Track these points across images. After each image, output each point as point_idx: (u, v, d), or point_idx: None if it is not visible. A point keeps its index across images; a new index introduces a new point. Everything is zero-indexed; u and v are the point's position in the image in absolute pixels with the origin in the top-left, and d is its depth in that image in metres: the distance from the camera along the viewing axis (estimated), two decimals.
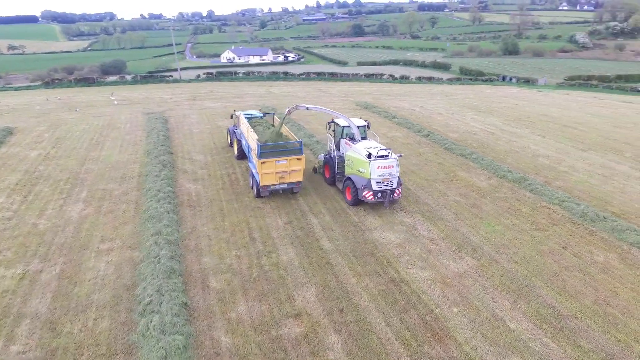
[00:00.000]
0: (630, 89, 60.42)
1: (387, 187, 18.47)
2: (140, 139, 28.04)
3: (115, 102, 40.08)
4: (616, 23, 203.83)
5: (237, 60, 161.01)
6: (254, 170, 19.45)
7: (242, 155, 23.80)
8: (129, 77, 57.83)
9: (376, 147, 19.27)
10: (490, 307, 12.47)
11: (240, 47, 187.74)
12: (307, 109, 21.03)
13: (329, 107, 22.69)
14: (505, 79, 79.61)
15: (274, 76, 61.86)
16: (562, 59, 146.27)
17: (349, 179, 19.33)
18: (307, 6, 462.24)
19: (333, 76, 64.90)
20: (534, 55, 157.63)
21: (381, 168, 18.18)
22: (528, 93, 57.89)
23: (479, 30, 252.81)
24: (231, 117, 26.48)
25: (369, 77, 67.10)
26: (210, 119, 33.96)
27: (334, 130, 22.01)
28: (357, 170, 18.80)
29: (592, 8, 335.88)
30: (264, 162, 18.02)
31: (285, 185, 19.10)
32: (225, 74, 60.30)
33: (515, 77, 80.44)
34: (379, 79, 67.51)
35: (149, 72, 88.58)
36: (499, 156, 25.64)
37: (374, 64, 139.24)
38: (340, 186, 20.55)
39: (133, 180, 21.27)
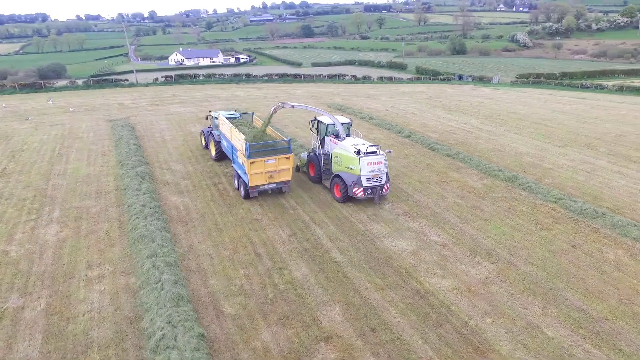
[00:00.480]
0: (580, 86, 63.95)
1: (377, 183, 18.63)
2: (108, 149, 25.82)
3: (50, 102, 36.81)
4: (551, 24, 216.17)
5: (187, 63, 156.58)
6: (239, 171, 19.09)
7: (221, 157, 23.36)
8: (80, 82, 53.89)
9: (363, 144, 19.35)
10: (523, 315, 12.10)
11: (189, 49, 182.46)
12: (293, 107, 20.78)
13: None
14: (461, 78, 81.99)
15: (236, 79, 59.94)
16: (507, 58, 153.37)
17: (337, 176, 19.21)
18: (253, 7, 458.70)
19: (296, 77, 63.90)
20: (480, 55, 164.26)
21: (371, 164, 18.29)
22: (488, 91, 59.70)
23: (425, 31, 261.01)
24: (206, 118, 25.66)
25: (332, 77, 66.71)
26: (181, 125, 32.03)
27: (316, 128, 21.89)
28: (347, 167, 18.76)
29: (526, 9, 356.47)
30: (253, 162, 17.63)
31: (274, 185, 18.79)
32: (185, 77, 57.66)
33: (470, 76, 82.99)
34: (342, 79, 67.29)
35: (95, 76, 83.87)
36: (484, 155, 25.79)
37: (329, 64, 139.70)
38: (327, 184, 20.47)
39: (110, 196, 19.34)
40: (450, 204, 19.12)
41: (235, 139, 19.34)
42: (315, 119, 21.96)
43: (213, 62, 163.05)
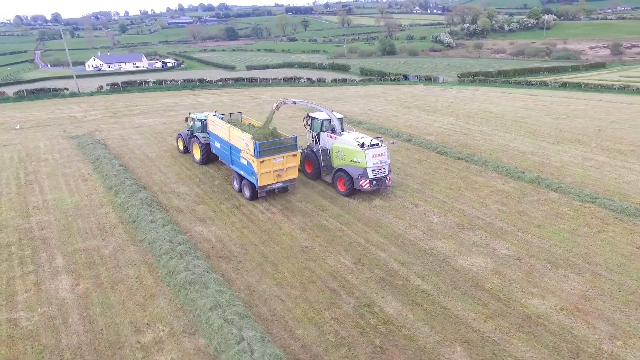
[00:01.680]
0: (525, 83, 67.66)
1: (382, 175, 19.07)
2: (87, 172, 21.84)
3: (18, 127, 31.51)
4: (468, 25, 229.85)
5: (107, 68, 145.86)
6: (242, 172, 18.68)
7: (207, 160, 22.86)
8: (10, 93, 46.58)
9: (363, 137, 19.77)
10: None
11: (109, 54, 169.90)
12: (295, 103, 20.95)
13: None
14: (408, 78, 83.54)
15: (189, 84, 55.52)
16: (435, 58, 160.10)
17: (341, 170, 19.40)
18: (169, 9, 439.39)
19: (252, 82, 60.84)
20: (409, 55, 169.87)
21: (376, 156, 18.71)
22: (443, 91, 60.98)
23: (350, 32, 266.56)
24: (186, 120, 24.56)
25: (287, 80, 64.50)
26: (159, 139, 28.35)
27: (309, 125, 21.87)
28: (351, 161, 19.00)
29: (440, 12, 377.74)
30: (262, 162, 17.24)
31: (281, 184, 18.55)
32: (132, 84, 52.22)
33: (417, 76, 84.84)
34: (298, 82, 65.35)
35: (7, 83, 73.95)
36: (492, 156, 25.42)
37: (267, 67, 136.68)
38: (327, 179, 20.61)
39: (118, 231, 16.00)
40: (495, 212, 18.20)
41: (236, 138, 18.58)
42: (308, 116, 21.83)
43: (137, 67, 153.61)
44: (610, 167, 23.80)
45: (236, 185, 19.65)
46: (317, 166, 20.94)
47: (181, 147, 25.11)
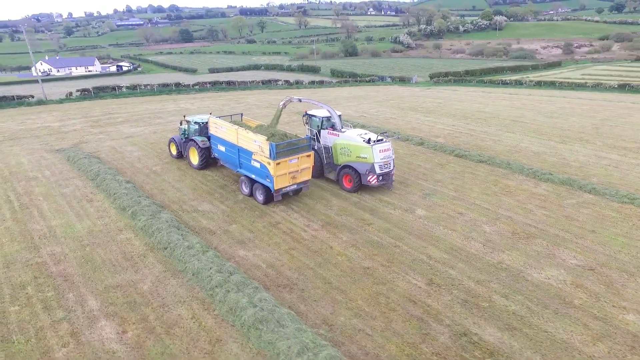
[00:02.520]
0: (500, 82, 68.94)
1: (388, 170, 19.29)
2: (90, 191, 19.23)
3: None
4: (425, 26, 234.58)
5: (56, 73, 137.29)
6: (253, 176, 18.10)
7: (207, 165, 22.05)
8: None
9: (366, 133, 20.03)
10: None
11: (57, 57, 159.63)
12: (300, 100, 20.70)
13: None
14: (381, 79, 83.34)
15: (165, 89, 52.20)
16: (398, 58, 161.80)
17: (347, 167, 19.53)
18: (116, 10, 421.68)
19: (230, 85, 58.20)
20: (372, 56, 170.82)
21: (382, 151, 18.93)
22: (423, 91, 60.96)
23: (308, 34, 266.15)
24: (180, 124, 23.58)
25: (265, 83, 62.37)
26: (156, 150, 25.83)
27: (307, 123, 21.83)
28: (358, 157, 19.11)
29: (393, 13, 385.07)
30: (279, 163, 16.69)
31: (295, 186, 18.07)
32: (104, 90, 48.34)
33: (390, 77, 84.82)
34: (275, 85, 63.37)
35: None
36: (510, 157, 24.90)
37: (230, 70, 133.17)
38: (330, 177, 20.65)
39: (150, 261, 13.87)
40: (542, 217, 17.47)
41: (247, 141, 17.88)
42: (306, 113, 21.72)
43: (89, 71, 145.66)
44: (627, 166, 23.84)
45: (245, 190, 18.93)
46: (319, 164, 20.75)
47: (174, 152, 23.89)
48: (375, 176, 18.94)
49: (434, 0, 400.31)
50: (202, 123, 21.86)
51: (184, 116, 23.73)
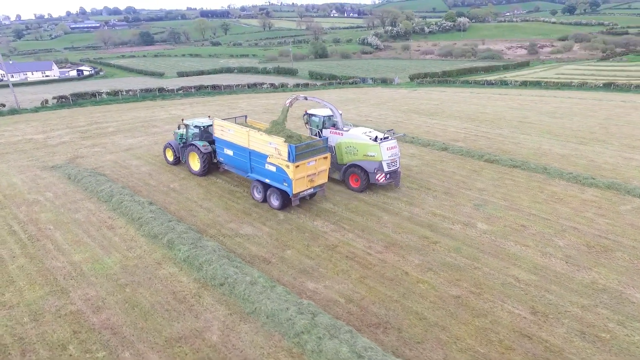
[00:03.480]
0: (485, 83, 69.21)
1: (395, 167, 19.13)
2: (107, 215, 16.62)
3: None
4: (391, 27, 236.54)
5: (11, 78, 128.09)
6: (268, 180, 17.18)
7: (209, 170, 20.83)
8: None
9: (371, 131, 19.97)
10: None
11: (11, 62, 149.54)
12: (306, 99, 20.10)
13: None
14: (362, 81, 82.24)
15: (149, 95, 48.64)
16: (369, 60, 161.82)
17: (353, 166, 19.18)
18: (69, 13, 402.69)
19: (215, 89, 55.25)
20: (342, 58, 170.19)
21: (389, 149, 18.71)
22: (412, 92, 60.19)
23: (273, 36, 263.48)
24: (178, 127, 22.43)
25: (251, 87, 59.78)
26: (165, 164, 23.22)
27: (306, 123, 21.64)
28: (365, 155, 18.82)
29: (356, 15, 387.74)
30: (298, 166, 15.88)
31: (312, 190, 17.28)
32: (84, 97, 44.33)
33: (371, 78, 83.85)
34: (261, 88, 60.90)
35: None
36: (540, 161, 23.98)
37: (201, 73, 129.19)
38: (335, 176, 20.15)
39: (208, 301, 11.70)
40: (607, 227, 16.48)
41: (260, 143, 16.91)
42: (307, 113, 21.50)
43: (47, 76, 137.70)
44: None
45: (257, 195, 18.10)
46: None
47: (170, 159, 22.65)
48: (384, 174, 18.63)
49: (394, 2, 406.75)
50: (203, 127, 20.81)
51: (182, 120, 22.37)
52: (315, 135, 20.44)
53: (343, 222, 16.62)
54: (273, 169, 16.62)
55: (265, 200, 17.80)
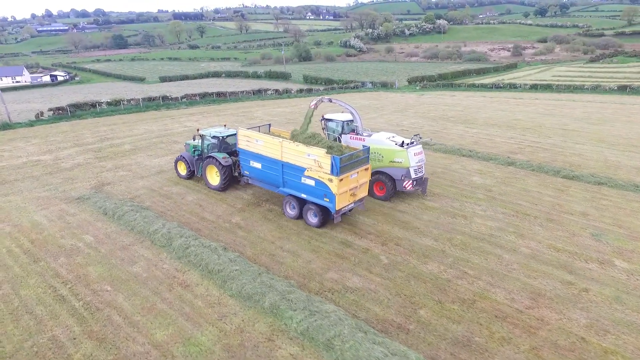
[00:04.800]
0: (494, 86, 67.63)
1: (421, 174, 18.31)
2: (173, 267, 13.20)
3: None
4: (371, 30, 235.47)
5: None
6: (302, 195, 15.76)
7: (230, 184, 19.28)
8: None
9: (394, 136, 18.97)
10: None
11: None
12: (331, 101, 19.01)
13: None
14: (363, 85, 79.68)
15: (152, 104, 44.49)
16: (354, 62, 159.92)
17: (378, 172, 18.34)
18: (34, 15, 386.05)
19: (220, 96, 51.47)
20: (327, 60, 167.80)
21: (416, 155, 17.94)
22: (422, 97, 57.97)
23: (251, 39, 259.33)
24: (193, 139, 20.76)
25: (256, 93, 56.25)
26: (203, 188, 19.82)
27: (323, 128, 20.71)
28: (391, 162, 17.96)
29: (332, 18, 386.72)
30: (342, 180, 14.56)
31: (353, 204, 15.88)
32: (82, 107, 39.89)
33: (370, 82, 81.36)
34: (266, 95, 57.49)
35: None
36: (620, 176, 21.75)
37: (185, 78, 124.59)
38: None
39: None
40: None
41: (296, 155, 15.33)
42: (323, 118, 20.67)
43: (17, 82, 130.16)
44: None
45: (291, 212, 16.59)
46: None
47: (183, 172, 21.00)
48: (411, 181, 17.83)
49: (368, 5, 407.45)
50: (222, 137, 19.23)
51: (198, 130, 20.46)
52: (334, 141, 18.88)
53: (460, 264, 13.75)
54: (311, 183, 15.11)
55: (300, 217, 16.35)
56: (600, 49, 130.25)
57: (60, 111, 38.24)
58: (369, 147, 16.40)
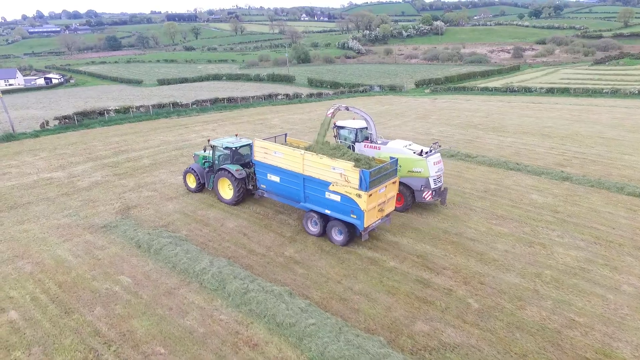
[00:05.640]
0: (508, 90, 65.94)
1: (440, 184, 17.62)
2: (232, 318, 11.08)
3: None
4: (369, 31, 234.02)
5: None
6: (326, 211, 14.70)
7: (243, 198, 18.25)
8: None
9: (410, 144, 18.33)
10: None
11: None
12: (347, 109, 18.32)
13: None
14: (371, 88, 77.69)
15: (162, 111, 42.16)
16: (354, 65, 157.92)
17: None
18: (25, 17, 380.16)
19: (231, 102, 49.25)
20: (325, 62, 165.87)
21: (436, 164, 17.28)
22: (437, 102, 56.14)
23: (247, 40, 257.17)
24: (204, 150, 19.96)
25: (267, 99, 54.11)
26: (256, 214, 17.71)
27: (335, 136, 19.95)
28: (410, 172, 17.15)
29: (326, 19, 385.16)
30: (371, 195, 13.57)
31: (380, 220, 14.89)
32: (90, 116, 37.46)
33: (379, 86, 79.43)
34: (277, 99, 55.34)
35: None
36: None
37: (185, 80, 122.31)
38: None
39: None
40: None
41: (320, 167, 14.25)
42: (336, 125, 19.78)
43: (10, 85, 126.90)
44: None
45: (313, 229, 15.50)
46: None
47: (192, 185, 19.94)
48: (430, 192, 17.13)
49: (362, 6, 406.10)
50: (234, 148, 18.05)
51: (209, 140, 19.60)
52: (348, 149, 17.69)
53: (562, 308, 11.78)
54: (337, 198, 14.12)
55: (324, 233, 15.23)
56: (600, 50, 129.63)
57: (67, 120, 35.78)
58: (397, 159, 15.25)
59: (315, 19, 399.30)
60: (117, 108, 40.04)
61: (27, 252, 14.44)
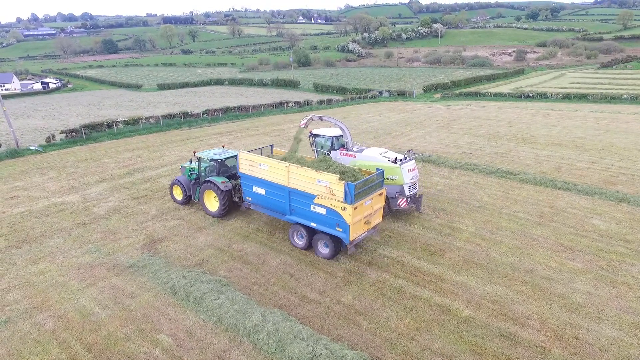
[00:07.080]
0: (522, 95, 64.31)
1: (415, 191, 17.68)
2: None
3: None
4: (368, 34, 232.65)
5: None
6: (312, 224, 14.39)
7: (229, 210, 18.13)
8: None
9: (386, 151, 18.37)
10: None
11: None
12: (321, 119, 18.86)
13: None
14: (379, 93, 75.96)
15: (174, 122, 40.18)
16: (355, 68, 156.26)
17: None
18: (19, 19, 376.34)
19: (242, 111, 47.38)
20: (326, 66, 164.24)
21: (410, 171, 17.37)
22: (451, 108, 54.46)
23: (245, 43, 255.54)
24: (190, 162, 19.75)
25: (278, 107, 52.24)
26: (284, 246, 15.89)
27: (311, 144, 20.16)
28: (385, 179, 16.16)
29: (323, 22, 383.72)
30: (356, 208, 13.27)
31: (366, 233, 14.72)
32: (98, 129, 35.51)
33: (387, 91, 77.72)
34: (287, 107, 53.50)
35: None
36: None
37: (186, 85, 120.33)
38: None
39: None
40: None
41: (304, 180, 14.05)
42: (311, 134, 19.98)
43: (6, 89, 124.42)
44: None
45: (299, 242, 15.35)
46: None
47: (179, 197, 19.76)
48: (405, 199, 17.21)
49: (359, 9, 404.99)
50: (220, 160, 17.97)
51: (194, 152, 19.24)
52: (325, 156, 17.78)
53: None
54: (322, 211, 13.91)
55: (310, 247, 15.06)
56: (603, 53, 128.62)
57: (74, 133, 33.77)
58: (383, 171, 15.04)
59: (312, 21, 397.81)
60: (125, 119, 38.07)
61: (47, 302, 12.52)
